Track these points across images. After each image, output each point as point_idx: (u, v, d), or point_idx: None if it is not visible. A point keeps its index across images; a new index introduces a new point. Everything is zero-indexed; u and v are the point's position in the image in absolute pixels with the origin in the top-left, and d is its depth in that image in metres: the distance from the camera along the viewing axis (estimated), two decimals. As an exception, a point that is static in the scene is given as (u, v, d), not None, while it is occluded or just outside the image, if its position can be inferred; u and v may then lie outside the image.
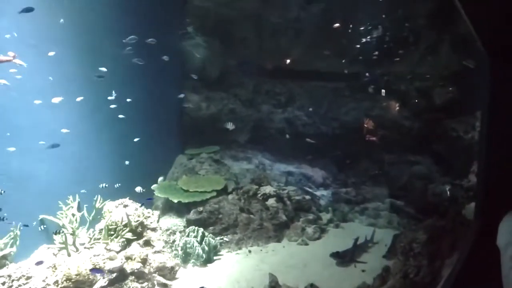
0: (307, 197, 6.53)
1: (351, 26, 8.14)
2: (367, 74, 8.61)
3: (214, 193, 5.80)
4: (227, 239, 5.16)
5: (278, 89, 9.09)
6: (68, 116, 4.95)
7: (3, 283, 3.61)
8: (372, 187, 7.71)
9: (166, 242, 4.98)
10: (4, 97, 4.13)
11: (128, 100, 5.64)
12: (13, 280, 3.64)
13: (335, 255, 4.83)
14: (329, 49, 7.91)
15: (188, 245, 4.75)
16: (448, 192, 5.80)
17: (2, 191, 3.65)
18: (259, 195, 5.82)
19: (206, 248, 4.74)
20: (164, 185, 6.08)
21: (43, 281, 3.70)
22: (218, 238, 5.12)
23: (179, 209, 5.80)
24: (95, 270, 3.76)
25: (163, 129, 7.52)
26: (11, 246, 4.06)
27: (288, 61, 8.86)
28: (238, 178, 6.45)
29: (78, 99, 4.82)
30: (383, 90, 8.56)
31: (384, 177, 7.83)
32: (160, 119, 7.48)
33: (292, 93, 9.19)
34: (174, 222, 5.59)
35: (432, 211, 5.35)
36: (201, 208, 5.47)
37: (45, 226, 4.41)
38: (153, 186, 5.89)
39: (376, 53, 7.94)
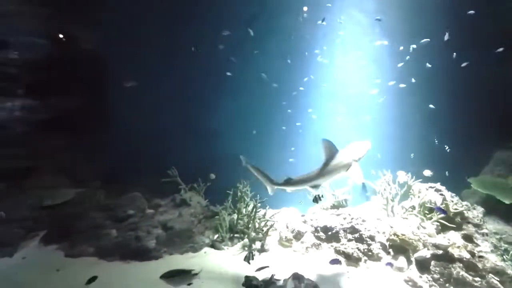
0: None
1: None
2: None
3: None
4: None
5: None
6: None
7: (345, 218, 4.85)
8: None
9: (495, 246, 4.08)
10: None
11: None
12: (352, 218, 4.78)
13: None
14: None
15: (541, 264, 3.52)
16: None
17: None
18: None
19: None
20: (486, 181, 5.05)
21: (375, 227, 4.50)
22: None
23: (507, 213, 4.54)
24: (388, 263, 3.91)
25: (474, 120, 6.39)
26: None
27: None
28: None
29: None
30: None
31: None
32: (471, 109, 6.43)
33: None
34: (499, 227, 4.47)
35: None
36: (561, 223, 3.84)
37: (366, 189, 5.43)
38: (470, 179, 5.10)
39: None
